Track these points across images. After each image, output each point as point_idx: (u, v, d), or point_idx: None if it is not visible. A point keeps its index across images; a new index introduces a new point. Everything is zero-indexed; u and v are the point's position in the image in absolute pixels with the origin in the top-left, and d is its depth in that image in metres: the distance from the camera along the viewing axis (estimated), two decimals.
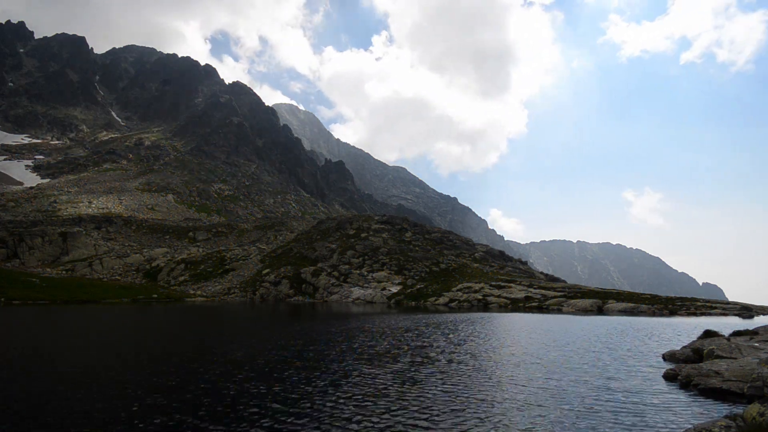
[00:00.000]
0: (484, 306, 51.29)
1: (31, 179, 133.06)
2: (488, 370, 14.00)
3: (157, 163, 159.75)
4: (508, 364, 15.22)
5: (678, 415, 9.37)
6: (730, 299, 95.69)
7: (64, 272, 71.87)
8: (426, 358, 16.09)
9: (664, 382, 12.50)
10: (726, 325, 29.13)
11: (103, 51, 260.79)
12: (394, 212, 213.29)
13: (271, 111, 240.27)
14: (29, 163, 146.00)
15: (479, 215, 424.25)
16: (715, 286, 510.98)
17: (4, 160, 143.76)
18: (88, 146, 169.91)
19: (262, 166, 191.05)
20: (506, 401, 10.31)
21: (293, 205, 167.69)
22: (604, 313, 43.12)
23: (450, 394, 10.87)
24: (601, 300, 48.62)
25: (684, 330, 26.89)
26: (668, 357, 16.06)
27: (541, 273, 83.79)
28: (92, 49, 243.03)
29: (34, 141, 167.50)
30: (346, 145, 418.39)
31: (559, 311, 45.89)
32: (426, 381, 12.34)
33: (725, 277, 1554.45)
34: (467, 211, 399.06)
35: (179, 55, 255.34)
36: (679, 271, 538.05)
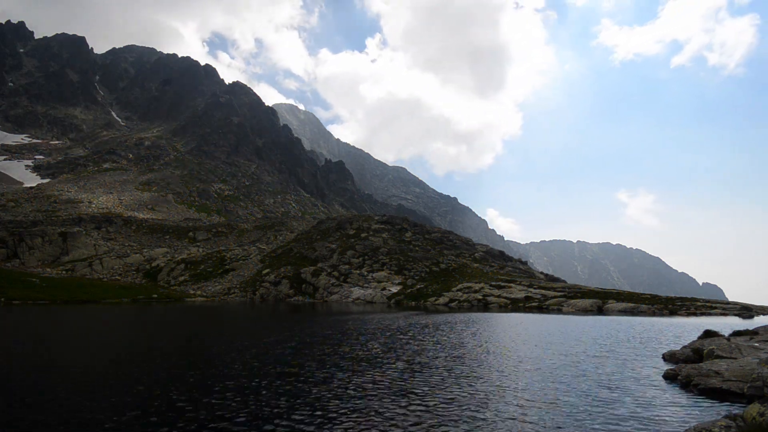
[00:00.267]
0: (484, 306, 51.30)
1: (31, 179, 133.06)
2: (487, 370, 14.00)
3: (157, 163, 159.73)
4: (507, 364, 15.21)
5: (678, 415, 9.37)
6: (730, 299, 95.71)
7: (64, 272, 71.89)
8: (419, 363, 16.08)
9: (664, 382, 12.50)
10: (726, 325, 29.15)
11: (103, 51, 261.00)
12: (394, 212, 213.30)
13: (271, 111, 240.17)
14: (29, 163, 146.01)
15: (478, 215, 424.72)
16: (715, 286, 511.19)
17: (4, 160, 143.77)
18: (88, 146, 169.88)
19: (262, 166, 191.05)
20: (504, 401, 10.31)
21: (293, 205, 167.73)
22: (604, 313, 43.15)
23: (448, 400, 10.87)
24: (601, 300, 48.65)
25: (684, 330, 26.90)
26: (668, 357, 16.07)
27: (541, 273, 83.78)
28: (92, 49, 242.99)
29: (34, 141, 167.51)
30: (346, 145, 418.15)
31: (559, 311, 45.90)
32: (424, 385, 12.34)
33: (725, 277, 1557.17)
34: (467, 211, 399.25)
35: (179, 55, 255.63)
36: (679, 271, 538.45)
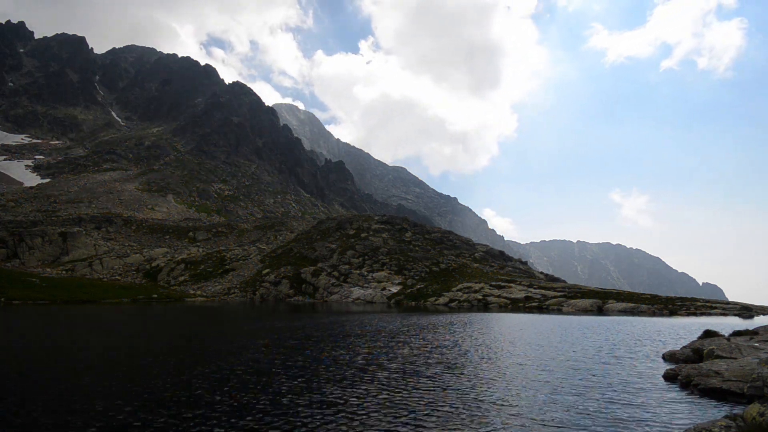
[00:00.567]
0: (484, 306, 51.29)
1: (31, 179, 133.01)
2: (486, 370, 14.00)
3: (157, 163, 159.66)
4: (506, 364, 15.22)
5: (678, 415, 9.37)
6: (730, 299, 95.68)
7: (64, 272, 71.89)
8: (416, 366, 16.08)
9: (664, 382, 12.51)
10: (726, 325, 29.15)
11: (103, 51, 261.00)
12: (394, 212, 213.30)
13: (271, 111, 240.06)
14: (29, 163, 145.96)
15: (478, 215, 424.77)
16: (715, 286, 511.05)
17: (4, 160, 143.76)
18: (88, 146, 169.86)
19: (262, 166, 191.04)
20: (504, 402, 10.31)
21: (293, 205, 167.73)
22: (604, 313, 43.15)
23: (443, 398, 10.87)
24: (601, 300, 48.65)
25: (684, 330, 26.91)
26: (668, 357, 16.07)
27: (541, 273, 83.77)
28: (92, 49, 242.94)
29: (34, 141, 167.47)
30: (346, 145, 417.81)
31: (559, 311, 45.90)
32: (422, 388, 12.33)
33: (725, 277, 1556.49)
34: (467, 211, 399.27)
35: (179, 56, 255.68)
36: (679, 271, 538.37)
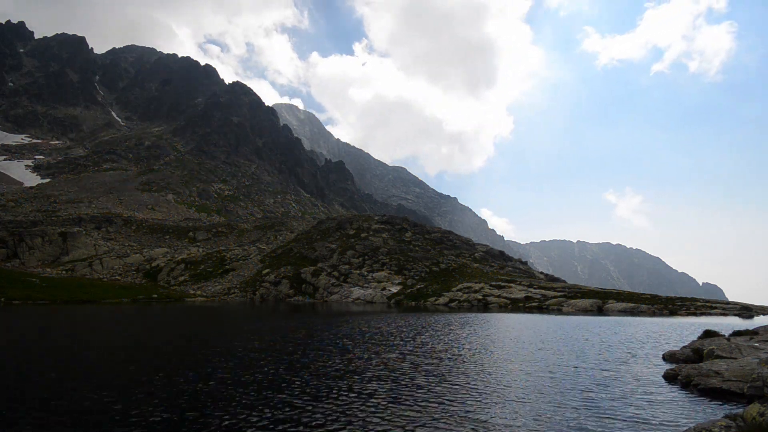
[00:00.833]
0: (484, 306, 51.30)
1: (31, 179, 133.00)
2: (486, 370, 14.00)
3: (157, 163, 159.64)
4: (507, 364, 15.22)
5: (678, 415, 9.38)
6: (730, 299, 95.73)
7: (64, 272, 71.88)
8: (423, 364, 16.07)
9: (664, 382, 12.51)
10: (726, 325, 29.16)
11: (103, 51, 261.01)
12: (394, 212, 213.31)
13: (270, 111, 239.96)
14: (29, 163, 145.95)
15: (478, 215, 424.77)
16: (715, 286, 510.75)
17: (4, 160, 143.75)
18: (88, 146, 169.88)
19: (262, 166, 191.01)
20: (503, 401, 10.31)
21: (293, 205, 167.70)
22: (604, 313, 43.15)
23: (443, 395, 10.87)
24: (601, 300, 48.65)
25: (684, 330, 26.91)
26: (668, 357, 16.07)
27: (541, 273, 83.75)
28: (92, 49, 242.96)
29: (34, 141, 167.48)
30: (346, 145, 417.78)
31: (559, 311, 45.89)
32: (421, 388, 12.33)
33: (725, 277, 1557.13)
34: (467, 211, 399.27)
35: (179, 56, 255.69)
36: (679, 271, 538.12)
